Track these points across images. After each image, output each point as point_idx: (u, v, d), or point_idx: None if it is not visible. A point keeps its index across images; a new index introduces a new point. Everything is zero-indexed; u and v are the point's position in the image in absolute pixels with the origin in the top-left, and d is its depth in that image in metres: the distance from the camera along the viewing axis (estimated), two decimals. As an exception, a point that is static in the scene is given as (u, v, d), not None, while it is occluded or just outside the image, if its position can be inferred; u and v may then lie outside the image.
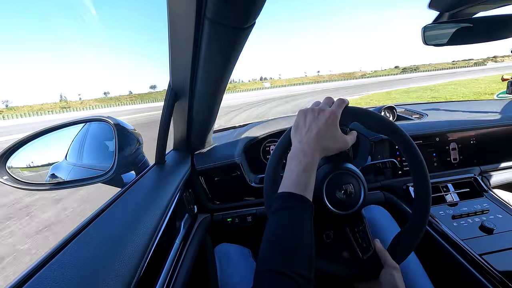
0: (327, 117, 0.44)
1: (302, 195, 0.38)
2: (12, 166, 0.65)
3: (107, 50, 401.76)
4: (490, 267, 0.60)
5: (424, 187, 0.45)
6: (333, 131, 0.45)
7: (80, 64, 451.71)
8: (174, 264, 0.56)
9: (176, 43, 0.52)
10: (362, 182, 0.49)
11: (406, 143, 0.46)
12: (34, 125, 19.77)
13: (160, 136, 0.72)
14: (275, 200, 0.39)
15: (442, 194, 0.87)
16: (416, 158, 0.46)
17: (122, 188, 0.62)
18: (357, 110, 0.49)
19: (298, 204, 0.37)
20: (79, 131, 0.84)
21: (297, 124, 0.47)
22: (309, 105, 0.50)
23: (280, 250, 0.34)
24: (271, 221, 0.37)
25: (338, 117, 0.45)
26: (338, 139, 0.45)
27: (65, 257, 0.36)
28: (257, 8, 0.39)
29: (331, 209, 0.47)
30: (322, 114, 0.45)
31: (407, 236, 0.46)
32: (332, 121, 0.44)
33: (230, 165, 0.85)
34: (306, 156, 0.41)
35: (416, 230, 0.46)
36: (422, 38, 0.75)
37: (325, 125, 0.44)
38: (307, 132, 0.44)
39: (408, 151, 0.46)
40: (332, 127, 0.44)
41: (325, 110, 0.45)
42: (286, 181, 0.41)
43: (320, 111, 0.46)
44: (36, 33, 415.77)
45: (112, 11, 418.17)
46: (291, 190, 0.39)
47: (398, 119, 1.19)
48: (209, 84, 0.62)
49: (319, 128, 0.44)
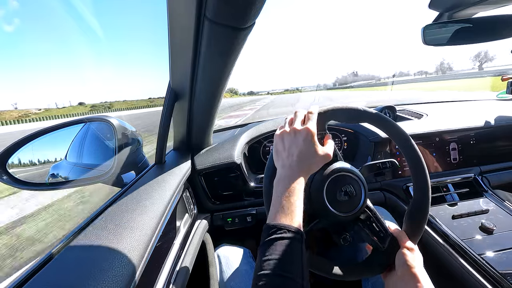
0: (304, 136, 0.43)
1: (288, 225, 0.36)
2: (12, 166, 0.65)
3: (107, 51, 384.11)
4: (490, 267, 0.60)
5: (411, 150, 0.49)
6: (313, 148, 0.44)
7: (79, 64, 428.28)
8: (174, 264, 0.56)
9: (176, 43, 0.52)
10: (362, 182, 0.49)
11: (377, 117, 0.50)
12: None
13: (160, 136, 0.72)
14: (262, 232, 0.39)
15: (442, 194, 0.87)
16: (392, 128, 0.49)
17: (122, 188, 0.62)
18: (327, 110, 0.50)
19: (285, 235, 0.36)
20: (79, 131, 0.84)
21: (276, 149, 0.47)
22: (282, 122, 0.50)
23: (269, 281, 0.33)
24: (259, 254, 0.36)
25: (315, 132, 0.44)
26: (320, 154, 0.44)
27: (65, 257, 0.36)
28: (257, 8, 0.39)
29: (335, 213, 0.47)
30: (299, 134, 0.44)
31: (415, 211, 0.48)
32: (310, 139, 0.44)
33: (230, 165, 0.85)
34: (291, 181, 0.41)
35: (422, 202, 0.47)
36: (422, 38, 0.75)
37: (304, 145, 0.43)
38: (288, 156, 0.43)
39: (379, 125, 0.51)
40: (311, 145, 0.44)
41: (300, 130, 0.44)
42: (273, 211, 0.39)
43: (296, 132, 0.45)
44: (36, 34, 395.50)
45: (112, 11, 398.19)
46: (277, 220, 0.37)
47: (398, 119, 1.19)
48: (209, 84, 0.62)
49: (299, 150, 0.43)
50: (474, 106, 1.32)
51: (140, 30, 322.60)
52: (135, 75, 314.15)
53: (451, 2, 0.68)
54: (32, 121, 64.57)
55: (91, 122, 0.78)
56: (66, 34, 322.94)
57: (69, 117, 10.66)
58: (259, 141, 1.00)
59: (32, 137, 0.66)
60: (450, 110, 1.26)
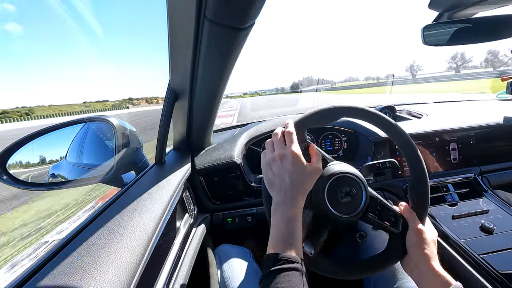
0: (291, 160, 0.43)
1: (289, 257, 0.36)
2: (12, 166, 0.65)
3: (105, 51, 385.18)
4: (490, 267, 0.60)
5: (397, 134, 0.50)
6: (303, 169, 0.44)
7: (77, 64, 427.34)
8: (174, 264, 0.56)
9: (176, 43, 0.52)
10: (361, 181, 0.49)
11: (348, 109, 0.50)
12: None
13: (160, 136, 0.72)
14: (262, 263, 0.38)
15: (442, 194, 0.87)
16: (367, 114, 0.50)
17: (122, 188, 0.62)
18: (303, 119, 0.50)
19: (285, 266, 0.36)
20: (79, 131, 0.84)
21: (267, 178, 0.46)
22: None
23: None
24: (261, 286, 0.36)
25: (299, 152, 0.44)
26: (310, 172, 0.45)
27: (65, 257, 0.36)
28: (256, 8, 0.39)
29: (341, 216, 0.47)
30: (285, 159, 0.44)
31: (417, 184, 0.49)
32: (297, 161, 0.44)
33: (230, 165, 0.85)
34: (287, 207, 0.41)
35: (420, 176, 0.49)
36: (421, 38, 0.75)
37: (293, 168, 0.43)
38: (280, 182, 0.43)
39: (353, 115, 0.51)
40: (300, 166, 0.44)
41: (285, 154, 0.44)
42: (273, 239, 0.40)
43: (281, 157, 0.44)
44: (35, 32, 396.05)
45: (112, 11, 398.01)
46: (277, 249, 0.38)
47: (398, 119, 1.19)
48: (209, 83, 0.62)
49: (290, 174, 0.43)
50: (474, 106, 1.32)
51: (139, 30, 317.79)
52: (135, 75, 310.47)
53: (451, 2, 0.68)
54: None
55: (91, 122, 0.79)
56: (66, 34, 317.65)
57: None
58: (259, 141, 1.00)
59: (32, 137, 0.66)
60: (450, 110, 1.26)
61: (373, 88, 38.58)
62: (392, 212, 0.49)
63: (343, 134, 1.02)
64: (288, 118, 0.51)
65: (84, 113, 70.63)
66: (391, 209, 0.49)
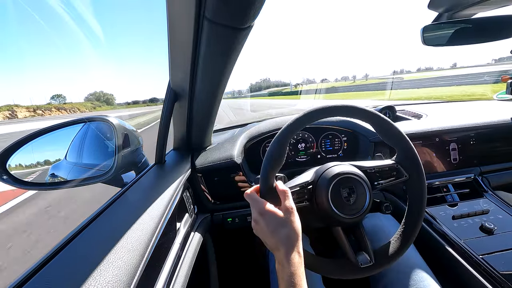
0: (262, 221, 0.44)
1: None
2: (12, 166, 0.65)
3: (105, 51, 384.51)
4: (490, 268, 0.60)
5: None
6: (276, 222, 0.43)
7: (75, 64, 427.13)
8: (174, 264, 0.56)
9: (176, 43, 0.52)
10: (364, 181, 0.49)
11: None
12: None
13: (160, 135, 0.72)
14: None
15: (442, 194, 0.87)
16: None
17: (122, 188, 0.62)
18: (264, 170, 0.51)
19: None
20: (79, 131, 0.84)
21: (265, 242, 0.45)
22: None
23: None
24: None
25: (264, 208, 0.45)
26: (286, 218, 0.44)
27: (65, 257, 0.36)
28: (256, 8, 0.39)
29: (346, 218, 0.47)
30: (259, 222, 0.45)
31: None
32: (267, 218, 0.44)
33: (230, 165, 0.85)
34: (289, 260, 0.40)
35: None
36: (421, 39, 0.75)
37: (269, 229, 0.43)
38: (271, 244, 0.43)
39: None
40: (272, 221, 0.44)
41: (255, 218, 0.45)
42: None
43: (256, 221, 0.45)
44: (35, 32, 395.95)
45: (111, 11, 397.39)
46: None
47: (398, 119, 1.19)
48: (209, 83, 0.62)
49: (271, 233, 0.43)
50: (474, 106, 1.32)
51: (140, 30, 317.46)
52: (135, 75, 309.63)
53: (450, 3, 0.68)
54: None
55: (91, 122, 0.78)
56: (65, 33, 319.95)
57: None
58: (259, 141, 1.00)
59: (32, 137, 0.66)
60: (450, 110, 1.26)
61: (358, 92, 37.35)
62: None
63: (343, 134, 1.02)
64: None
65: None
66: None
